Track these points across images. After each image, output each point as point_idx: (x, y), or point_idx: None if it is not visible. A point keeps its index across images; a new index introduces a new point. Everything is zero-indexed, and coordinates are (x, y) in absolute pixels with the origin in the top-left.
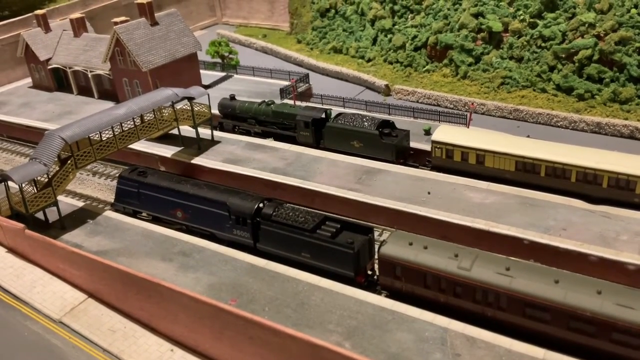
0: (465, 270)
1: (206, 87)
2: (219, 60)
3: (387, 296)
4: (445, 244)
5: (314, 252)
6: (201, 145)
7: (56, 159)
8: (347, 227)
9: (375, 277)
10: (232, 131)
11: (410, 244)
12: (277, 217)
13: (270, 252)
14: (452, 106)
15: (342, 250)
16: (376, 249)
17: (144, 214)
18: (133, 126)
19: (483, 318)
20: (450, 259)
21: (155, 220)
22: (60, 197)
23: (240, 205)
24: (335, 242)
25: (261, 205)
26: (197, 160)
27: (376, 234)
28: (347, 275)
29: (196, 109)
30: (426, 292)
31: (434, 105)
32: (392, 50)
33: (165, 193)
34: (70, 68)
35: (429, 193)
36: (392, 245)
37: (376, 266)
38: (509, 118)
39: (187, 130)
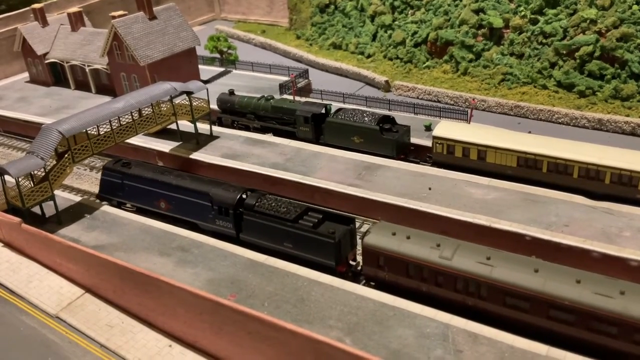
0: (447, 259)
1: (205, 82)
2: (217, 55)
3: (371, 286)
4: (428, 234)
5: (296, 242)
6: (199, 140)
7: (53, 153)
8: (329, 217)
9: (359, 267)
10: (231, 126)
11: (394, 234)
12: (260, 207)
13: (253, 243)
14: (452, 102)
15: (324, 240)
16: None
17: (128, 205)
18: (131, 120)
19: (464, 307)
20: (432, 248)
21: (139, 211)
22: (57, 192)
23: (223, 196)
24: (317, 232)
25: (244, 196)
26: (196, 156)
27: None
28: (328, 265)
29: (195, 103)
30: (409, 282)
31: (434, 101)
32: (392, 47)
33: (148, 184)
34: (67, 62)
35: (429, 189)
36: (376, 235)
37: (359, 256)
38: (509, 114)
39: (185, 125)
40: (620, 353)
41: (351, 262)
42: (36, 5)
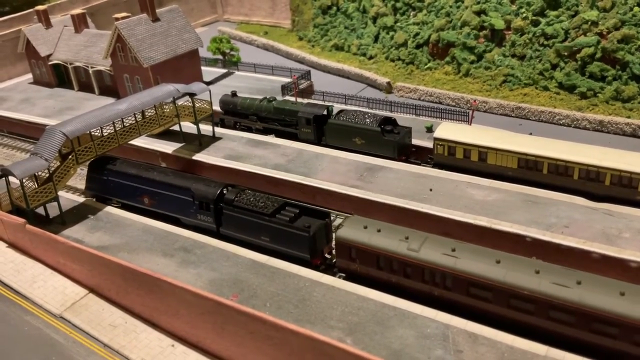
0: (414, 251)
1: (207, 83)
2: (220, 57)
3: (344, 278)
4: (398, 227)
5: (273, 235)
6: (202, 142)
7: (57, 154)
8: (306, 212)
9: (334, 260)
10: (234, 127)
11: (365, 227)
12: (239, 202)
13: (233, 237)
14: (453, 104)
15: (299, 233)
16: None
17: (113, 201)
18: (134, 122)
19: (431, 297)
20: (401, 241)
21: (124, 207)
22: (60, 193)
23: (204, 191)
24: (293, 226)
25: (224, 191)
26: (198, 157)
27: None
28: (303, 258)
29: (197, 105)
30: (379, 273)
31: (436, 102)
32: (394, 48)
33: (133, 180)
34: (71, 64)
35: (430, 190)
36: (348, 228)
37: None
38: (511, 116)
39: (188, 126)
40: (578, 341)
41: (327, 256)
42: (40, 7)
